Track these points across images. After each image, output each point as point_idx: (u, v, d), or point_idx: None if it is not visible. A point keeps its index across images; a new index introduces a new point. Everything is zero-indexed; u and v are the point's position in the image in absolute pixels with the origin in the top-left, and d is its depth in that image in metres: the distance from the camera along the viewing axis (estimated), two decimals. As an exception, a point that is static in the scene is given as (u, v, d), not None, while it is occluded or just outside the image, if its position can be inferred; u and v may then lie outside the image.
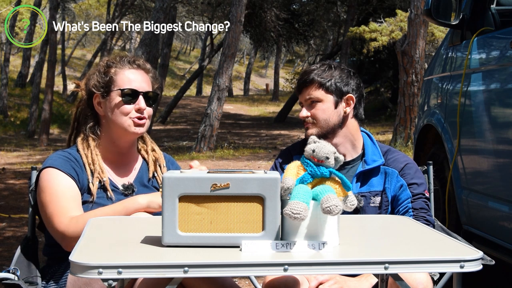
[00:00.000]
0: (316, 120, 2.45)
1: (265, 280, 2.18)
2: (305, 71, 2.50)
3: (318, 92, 2.44)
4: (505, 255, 3.18)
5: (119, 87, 2.33)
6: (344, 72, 2.48)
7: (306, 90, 2.46)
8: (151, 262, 1.49)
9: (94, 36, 41.92)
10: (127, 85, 2.33)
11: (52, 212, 2.19)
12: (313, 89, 2.45)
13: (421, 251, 1.70)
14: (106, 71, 2.36)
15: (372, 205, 2.41)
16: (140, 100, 2.34)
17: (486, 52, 3.66)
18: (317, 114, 2.45)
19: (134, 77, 2.36)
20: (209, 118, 12.84)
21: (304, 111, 2.47)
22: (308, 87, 2.45)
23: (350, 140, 2.49)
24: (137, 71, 2.38)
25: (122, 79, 2.34)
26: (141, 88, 2.35)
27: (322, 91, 2.44)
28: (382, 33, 15.52)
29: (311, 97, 2.45)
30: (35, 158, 12.17)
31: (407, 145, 10.39)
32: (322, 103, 2.45)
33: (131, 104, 2.33)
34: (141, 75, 2.38)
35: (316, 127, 2.45)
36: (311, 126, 2.46)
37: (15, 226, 5.91)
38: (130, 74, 2.36)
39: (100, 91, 2.35)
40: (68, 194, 2.22)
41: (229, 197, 1.63)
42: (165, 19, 14.25)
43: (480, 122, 3.46)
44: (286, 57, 47.35)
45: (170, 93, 33.28)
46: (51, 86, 16.83)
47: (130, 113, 2.33)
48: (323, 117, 2.44)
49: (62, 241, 2.18)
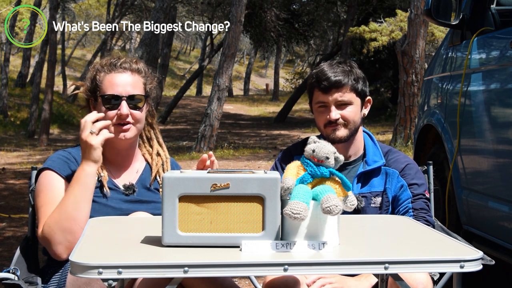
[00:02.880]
0: (346, 121, 2.43)
1: (265, 280, 2.18)
2: (330, 71, 2.43)
3: (350, 94, 2.42)
4: (505, 255, 3.18)
5: (102, 93, 2.30)
6: (363, 74, 2.48)
7: (336, 92, 2.41)
8: (151, 262, 1.49)
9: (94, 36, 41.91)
10: (109, 91, 2.28)
11: (41, 218, 2.20)
12: (346, 91, 2.41)
13: (421, 251, 1.70)
14: (94, 76, 2.33)
15: (373, 206, 2.41)
16: (122, 106, 2.27)
17: (486, 52, 3.66)
18: (348, 117, 2.43)
19: (118, 81, 2.30)
20: (209, 118, 12.83)
21: (335, 113, 2.42)
22: (340, 89, 2.41)
23: (353, 141, 2.50)
24: (122, 74, 2.31)
25: (105, 85, 2.30)
26: (125, 92, 2.28)
27: (353, 93, 2.43)
28: (382, 33, 15.52)
29: (343, 100, 2.42)
30: (35, 158, 12.17)
31: (407, 145, 10.39)
32: (353, 106, 2.43)
33: (114, 110, 2.28)
34: (126, 78, 2.31)
35: (346, 129, 2.43)
36: (341, 128, 2.43)
37: (15, 226, 5.91)
38: (114, 78, 2.30)
39: (91, 96, 2.35)
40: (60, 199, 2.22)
41: (229, 197, 1.63)
42: (165, 19, 14.25)
43: (480, 122, 3.46)
44: (286, 57, 47.35)
45: (170, 93, 33.27)
46: (51, 86, 16.82)
47: (114, 119, 2.28)
48: (354, 119, 2.43)
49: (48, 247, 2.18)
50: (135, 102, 2.31)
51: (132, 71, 2.34)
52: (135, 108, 2.31)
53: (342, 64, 2.46)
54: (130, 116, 2.29)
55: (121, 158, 2.40)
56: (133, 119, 2.30)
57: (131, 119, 2.30)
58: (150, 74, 2.41)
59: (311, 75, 2.50)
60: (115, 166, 2.39)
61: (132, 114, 2.30)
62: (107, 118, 2.28)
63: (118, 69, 2.32)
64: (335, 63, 2.47)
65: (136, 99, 2.31)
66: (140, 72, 2.36)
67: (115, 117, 2.28)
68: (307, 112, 27.44)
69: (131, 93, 2.30)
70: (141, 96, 2.32)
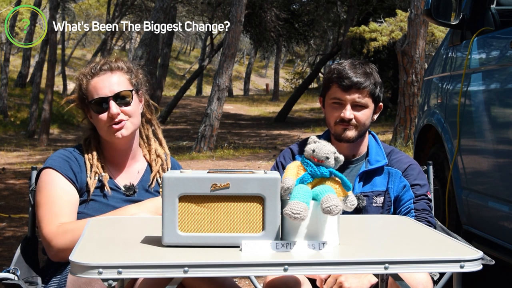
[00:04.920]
0: (358, 123, 2.43)
1: (265, 280, 2.18)
2: (355, 71, 2.41)
3: (368, 98, 2.42)
4: (505, 255, 3.18)
5: (90, 99, 2.31)
6: (380, 79, 2.47)
7: (355, 93, 2.40)
8: (151, 262, 1.49)
9: (94, 36, 41.93)
10: (95, 95, 2.30)
11: (44, 215, 2.21)
12: (364, 94, 2.41)
13: (421, 251, 1.70)
14: (79, 86, 2.35)
15: (375, 205, 2.41)
16: (111, 106, 2.28)
17: (486, 52, 3.66)
18: (361, 119, 2.42)
19: (101, 83, 2.30)
20: (209, 118, 12.83)
21: (349, 112, 2.41)
22: (360, 91, 2.40)
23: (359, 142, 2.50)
24: (103, 76, 2.31)
25: (90, 91, 2.31)
26: (110, 92, 2.29)
27: (370, 98, 2.43)
28: (382, 33, 15.52)
29: (360, 101, 2.41)
30: (35, 158, 12.17)
31: (407, 145, 10.39)
32: (367, 109, 2.43)
33: (105, 112, 2.29)
34: (108, 78, 2.31)
35: (356, 130, 2.43)
36: (352, 129, 2.43)
37: (15, 226, 5.91)
38: (97, 83, 2.31)
39: (83, 106, 2.36)
40: (64, 198, 2.23)
41: (229, 197, 1.63)
42: (165, 19, 14.25)
43: (480, 122, 3.46)
44: (286, 57, 47.35)
45: (170, 93, 33.28)
46: (51, 86, 16.83)
47: (106, 121, 2.29)
48: (365, 122, 2.44)
49: (48, 249, 2.20)
50: (123, 98, 2.31)
51: (112, 70, 2.34)
52: (125, 105, 2.31)
53: (364, 65, 2.45)
54: (122, 113, 2.30)
55: (121, 158, 2.40)
56: (126, 115, 2.31)
57: (123, 116, 2.30)
58: (133, 68, 2.40)
59: (332, 69, 2.47)
60: (115, 166, 2.39)
61: (123, 111, 2.30)
62: (100, 121, 2.29)
63: (99, 72, 2.33)
64: (358, 63, 2.45)
65: (123, 95, 2.31)
66: (121, 68, 2.36)
67: (107, 119, 2.29)
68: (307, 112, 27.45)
69: (116, 91, 2.30)
70: (128, 92, 2.32)
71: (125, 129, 2.31)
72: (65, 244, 2.13)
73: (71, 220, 2.22)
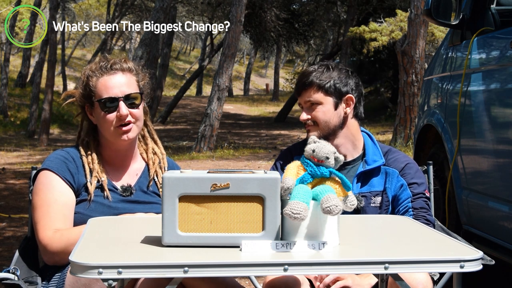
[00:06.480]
0: (317, 122, 2.44)
1: (265, 280, 2.18)
2: (303, 73, 2.48)
3: (318, 94, 2.43)
4: (505, 255, 3.18)
5: (98, 97, 2.29)
6: (342, 72, 2.46)
7: (305, 93, 2.45)
8: (151, 262, 1.49)
9: (94, 36, 41.92)
10: (105, 94, 2.27)
11: (39, 219, 2.20)
12: (312, 91, 2.43)
13: (421, 251, 1.70)
14: (86, 82, 2.32)
15: (373, 205, 2.41)
16: (121, 107, 2.27)
17: (486, 52, 3.66)
18: (317, 117, 2.44)
19: (112, 83, 2.29)
20: (209, 118, 12.83)
21: (304, 114, 2.46)
22: (307, 90, 2.44)
23: (351, 141, 2.49)
24: (114, 76, 2.30)
25: (100, 89, 2.28)
26: (120, 93, 2.28)
27: (322, 93, 2.43)
28: (382, 33, 15.51)
29: (310, 100, 2.44)
30: (35, 158, 12.17)
31: (407, 145, 10.39)
32: (322, 106, 2.44)
33: (113, 112, 2.27)
34: (119, 78, 2.30)
35: (318, 129, 2.44)
36: (312, 129, 2.45)
37: (15, 226, 5.91)
38: (107, 81, 2.29)
39: (86, 103, 2.34)
40: (60, 201, 2.22)
41: (229, 197, 1.63)
42: (165, 19, 14.25)
43: (480, 122, 3.46)
44: (286, 57, 47.33)
45: (170, 93, 33.28)
46: (51, 86, 16.82)
47: (114, 121, 2.27)
48: (324, 119, 2.44)
49: (43, 253, 2.19)
50: (132, 100, 2.30)
51: (124, 71, 2.33)
52: (133, 107, 2.30)
53: (319, 65, 2.49)
54: (129, 115, 2.29)
55: (121, 159, 2.39)
56: (133, 117, 2.30)
57: (131, 118, 2.30)
58: (140, 71, 2.40)
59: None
60: (114, 167, 2.38)
61: (131, 113, 2.30)
62: (107, 121, 2.28)
63: (110, 71, 2.31)
64: (315, 64, 2.51)
65: (133, 97, 2.30)
66: (131, 70, 2.35)
67: (115, 119, 2.28)
68: (307, 112, 27.38)
69: (127, 92, 2.29)
70: (137, 94, 2.32)
71: (131, 132, 2.31)
72: (60, 249, 2.13)
73: (67, 223, 2.21)
